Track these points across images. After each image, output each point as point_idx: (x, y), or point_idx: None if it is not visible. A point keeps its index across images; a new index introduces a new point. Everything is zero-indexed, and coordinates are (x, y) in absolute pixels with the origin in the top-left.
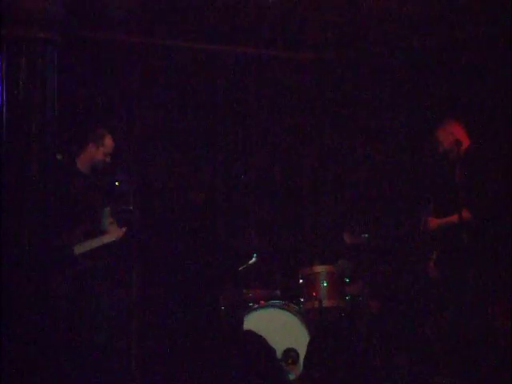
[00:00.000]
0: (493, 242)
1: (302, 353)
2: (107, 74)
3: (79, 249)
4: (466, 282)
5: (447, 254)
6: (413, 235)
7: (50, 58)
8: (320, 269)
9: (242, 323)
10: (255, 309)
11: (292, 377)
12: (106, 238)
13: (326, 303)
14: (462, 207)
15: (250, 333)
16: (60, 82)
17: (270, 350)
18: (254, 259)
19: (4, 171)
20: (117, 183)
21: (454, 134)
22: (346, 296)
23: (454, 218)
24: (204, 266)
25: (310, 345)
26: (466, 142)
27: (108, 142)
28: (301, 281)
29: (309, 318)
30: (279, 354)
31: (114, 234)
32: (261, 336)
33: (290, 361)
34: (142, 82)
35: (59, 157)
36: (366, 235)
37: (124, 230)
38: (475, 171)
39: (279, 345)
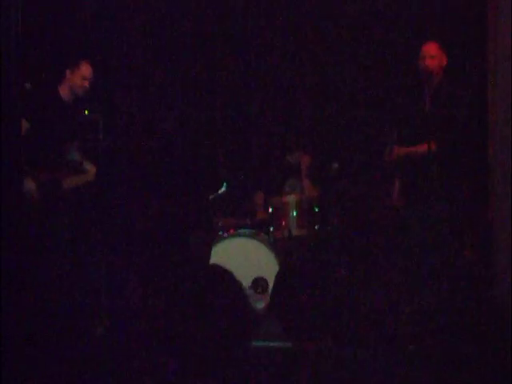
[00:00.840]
0: (461, 175)
1: (272, 282)
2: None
3: (67, 183)
4: (433, 214)
5: (413, 184)
6: (377, 162)
7: None
8: (289, 198)
9: (209, 258)
10: (225, 237)
11: (261, 305)
12: (89, 177)
13: (295, 232)
14: (431, 138)
15: (216, 267)
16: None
17: (237, 285)
18: (223, 189)
19: None
20: (86, 112)
21: (445, 59)
22: (316, 225)
23: (421, 148)
24: (172, 198)
25: (278, 275)
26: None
27: (84, 66)
28: (270, 210)
29: (278, 247)
30: (248, 282)
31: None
32: (227, 270)
33: (259, 290)
34: (115, 17)
35: (28, 86)
36: (336, 165)
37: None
38: (447, 103)
39: (248, 274)
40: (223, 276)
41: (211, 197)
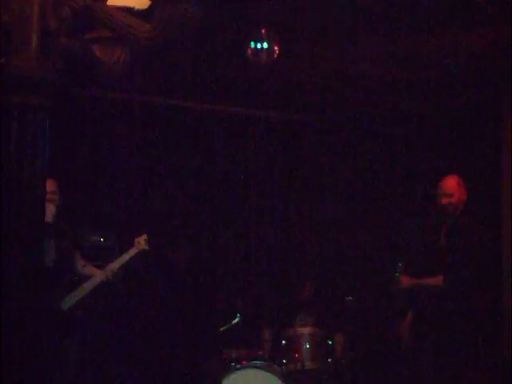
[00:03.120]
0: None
1: None
2: (99, 131)
3: (66, 304)
4: (442, 348)
5: (422, 316)
6: (387, 293)
7: (41, 123)
8: (303, 330)
9: None
10: (237, 369)
11: None
12: (90, 284)
13: (308, 365)
14: (439, 271)
15: None
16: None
17: None
18: (237, 319)
19: None
20: (102, 239)
21: (465, 193)
22: (329, 358)
23: (431, 280)
24: (186, 326)
25: None
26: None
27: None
28: (283, 342)
29: (291, 380)
30: None
31: (95, 277)
32: None
33: None
34: (131, 139)
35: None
36: (350, 298)
37: (106, 270)
38: (463, 239)
39: None
40: None
41: (224, 327)
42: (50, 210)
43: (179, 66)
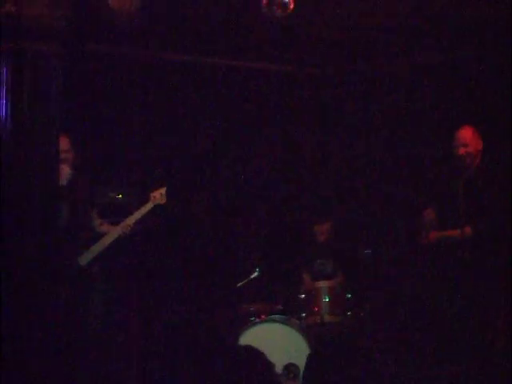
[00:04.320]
0: (493, 261)
1: (303, 368)
2: (110, 87)
3: (84, 259)
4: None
5: (445, 268)
6: (411, 248)
7: (54, 71)
8: (322, 284)
9: (238, 339)
10: (256, 323)
11: None
12: (106, 240)
13: (327, 318)
14: (465, 223)
15: (248, 348)
16: (65, 94)
17: (269, 365)
18: (256, 273)
19: (6, 182)
20: (119, 196)
21: (480, 143)
22: (348, 311)
23: (455, 232)
24: (203, 280)
25: (309, 360)
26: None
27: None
28: (302, 296)
29: (310, 333)
30: (280, 368)
31: (111, 233)
32: (259, 351)
33: (290, 375)
34: (143, 95)
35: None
36: (369, 251)
37: (122, 226)
38: (484, 190)
39: (280, 359)
40: (255, 357)
41: (243, 282)
42: (65, 172)
43: (191, 20)
